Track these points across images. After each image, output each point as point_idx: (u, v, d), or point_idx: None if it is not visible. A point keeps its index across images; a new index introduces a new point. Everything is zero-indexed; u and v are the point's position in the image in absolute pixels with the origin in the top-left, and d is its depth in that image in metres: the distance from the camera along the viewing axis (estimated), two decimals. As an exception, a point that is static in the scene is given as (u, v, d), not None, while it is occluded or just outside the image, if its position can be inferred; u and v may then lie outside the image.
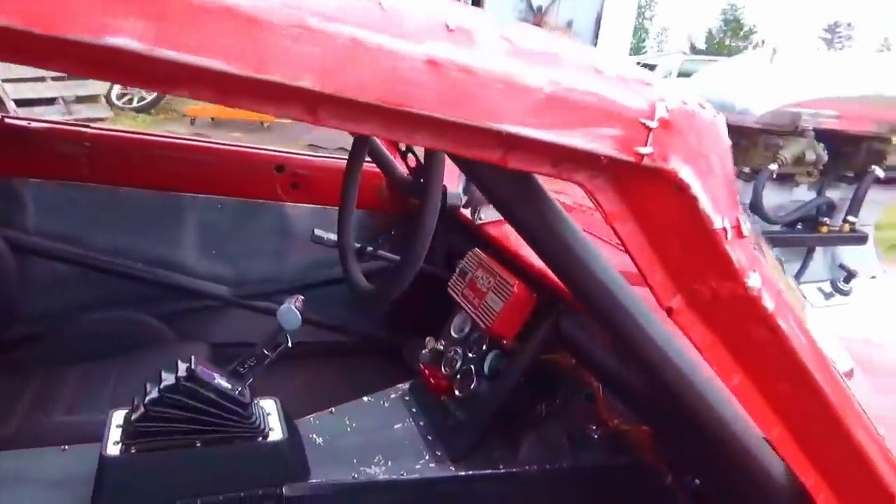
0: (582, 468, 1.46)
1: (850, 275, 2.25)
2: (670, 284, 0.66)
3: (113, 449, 1.17)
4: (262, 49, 0.44)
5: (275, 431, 1.27)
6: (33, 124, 2.03)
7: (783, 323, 0.67)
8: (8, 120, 2.02)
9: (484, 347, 1.55)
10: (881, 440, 0.79)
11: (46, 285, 2.04)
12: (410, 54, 0.48)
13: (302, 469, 1.30)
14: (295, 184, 2.23)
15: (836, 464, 0.80)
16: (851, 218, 2.45)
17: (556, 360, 1.52)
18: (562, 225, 0.73)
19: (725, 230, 0.62)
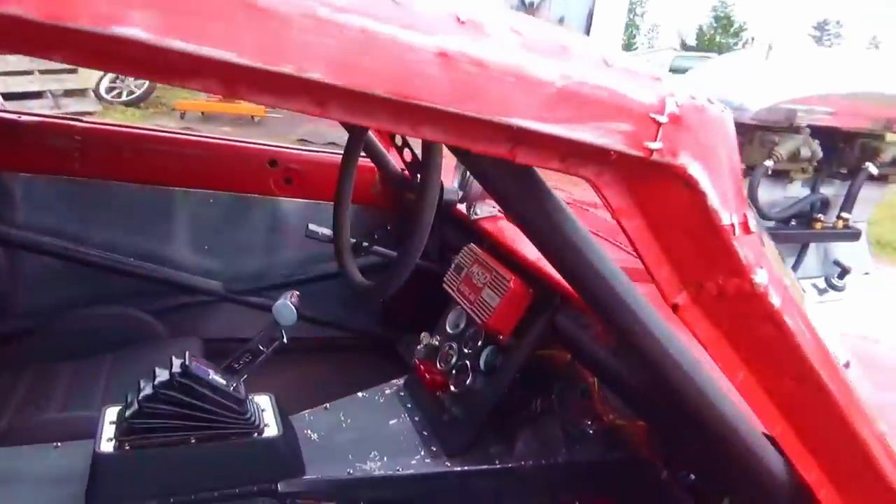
0: (578, 463, 1.46)
1: (845, 271, 2.27)
2: (676, 281, 0.66)
3: (107, 446, 1.16)
4: (274, 40, 0.43)
5: (270, 428, 1.27)
6: (24, 118, 2.00)
7: (789, 319, 0.67)
8: None
9: (479, 343, 1.55)
10: (882, 435, 0.79)
11: (37, 281, 2.02)
12: (422, 46, 0.47)
13: (297, 465, 1.29)
14: (288, 178, 2.22)
15: (839, 460, 0.80)
16: (845, 214, 2.48)
17: (552, 356, 1.52)
18: (564, 221, 0.72)
19: (733, 226, 0.61)
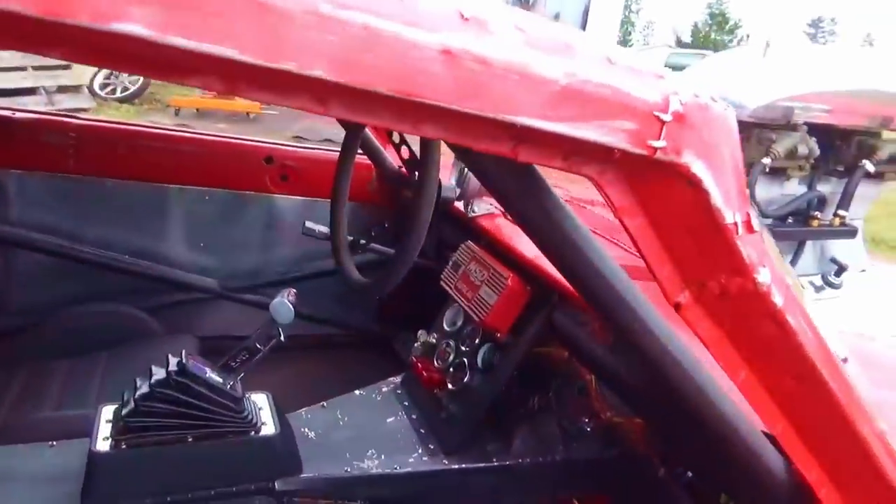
0: (575, 461, 1.46)
1: (841, 268, 2.27)
2: (678, 279, 0.65)
3: (102, 444, 1.15)
4: (276, 37, 0.42)
5: (267, 426, 1.26)
6: (18, 115, 1.99)
7: (792, 319, 0.67)
8: None
9: (477, 341, 1.54)
10: (883, 434, 0.78)
11: (31, 278, 2.01)
12: (425, 44, 0.47)
13: (294, 463, 1.29)
14: (284, 175, 2.21)
15: (840, 458, 0.80)
16: (842, 212, 2.47)
17: (549, 353, 1.52)
18: (565, 219, 0.72)
19: (736, 225, 0.61)
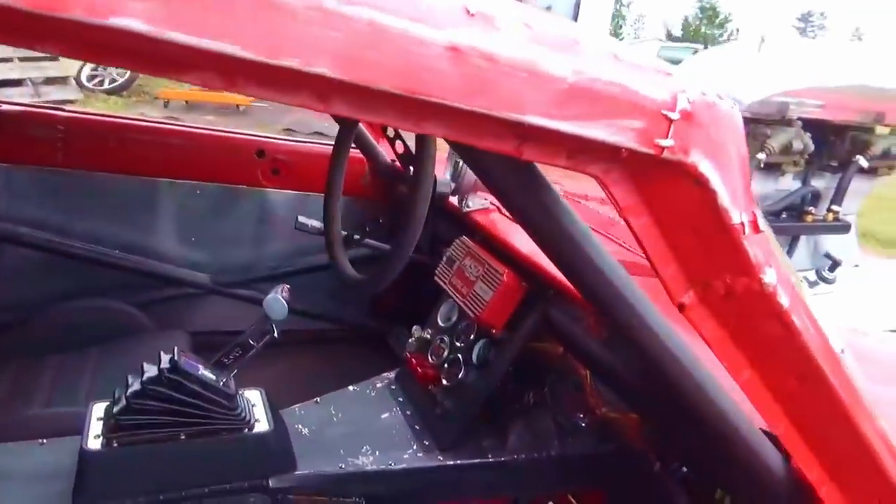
0: (570, 456, 1.45)
1: (835, 264, 2.28)
2: (683, 279, 0.65)
3: (94, 442, 1.14)
4: (278, 33, 0.41)
5: (260, 423, 1.25)
6: (4, 107, 1.96)
7: (797, 319, 0.66)
8: None
9: (472, 336, 1.53)
10: (884, 433, 0.78)
11: (19, 273, 1.98)
12: (431, 40, 0.46)
13: (288, 460, 1.28)
14: (276, 169, 2.19)
15: (842, 458, 0.80)
16: (835, 207, 2.48)
17: (544, 349, 1.51)
18: (564, 215, 0.71)
19: (743, 225, 0.60)
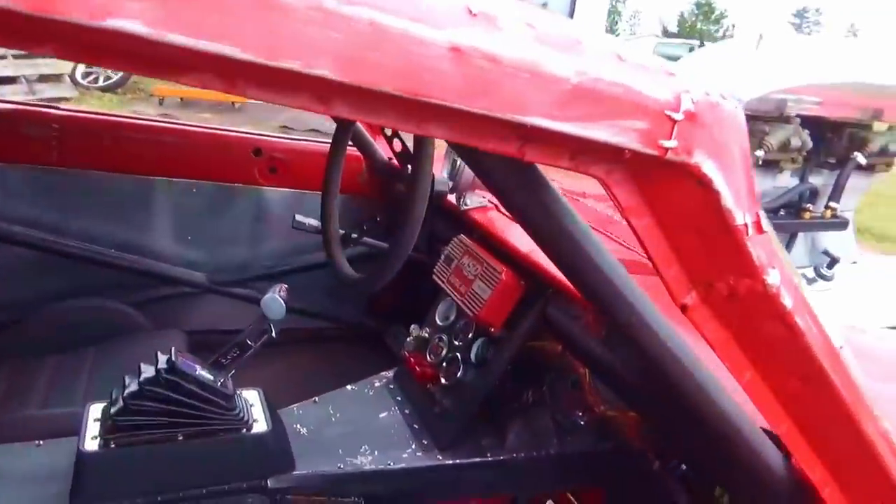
0: (569, 454, 1.45)
1: (834, 260, 2.28)
2: (685, 280, 0.64)
3: (91, 444, 1.13)
4: (279, 34, 0.40)
5: (259, 423, 1.24)
6: None
7: (800, 320, 0.66)
8: None
9: (470, 335, 1.53)
10: (887, 432, 0.78)
11: (14, 273, 1.97)
12: (433, 41, 0.45)
13: (287, 461, 1.27)
14: (273, 168, 2.18)
15: (844, 458, 0.80)
16: (833, 204, 2.48)
17: (543, 347, 1.51)
18: (563, 214, 0.70)
19: (746, 226, 0.60)
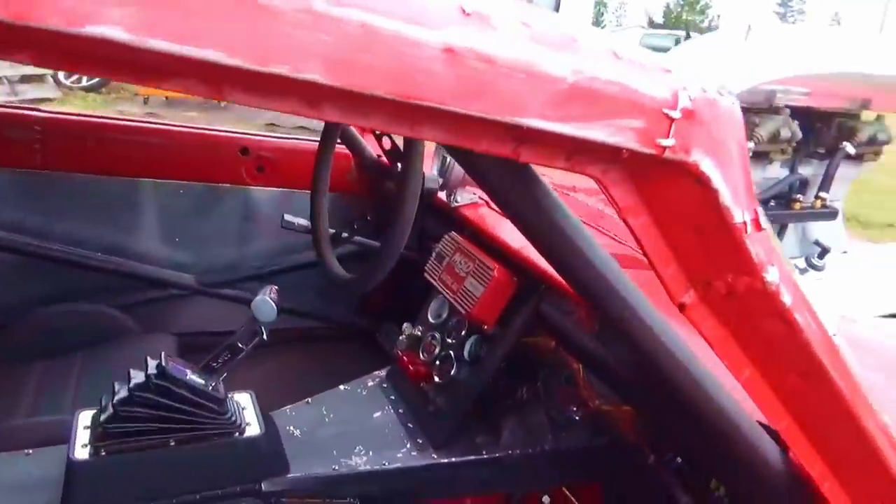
0: (564, 450, 1.45)
1: (824, 251, 2.29)
2: (683, 279, 0.64)
3: (81, 452, 1.12)
4: (267, 38, 0.38)
5: (251, 426, 1.24)
6: None
7: (800, 317, 0.65)
8: None
9: (463, 333, 1.52)
10: (886, 427, 0.78)
11: None
12: (426, 42, 0.44)
13: (280, 463, 1.27)
14: (260, 167, 2.16)
15: (844, 454, 0.80)
16: (823, 194, 2.50)
17: (536, 343, 1.51)
18: (555, 209, 0.70)
19: (745, 224, 0.59)
